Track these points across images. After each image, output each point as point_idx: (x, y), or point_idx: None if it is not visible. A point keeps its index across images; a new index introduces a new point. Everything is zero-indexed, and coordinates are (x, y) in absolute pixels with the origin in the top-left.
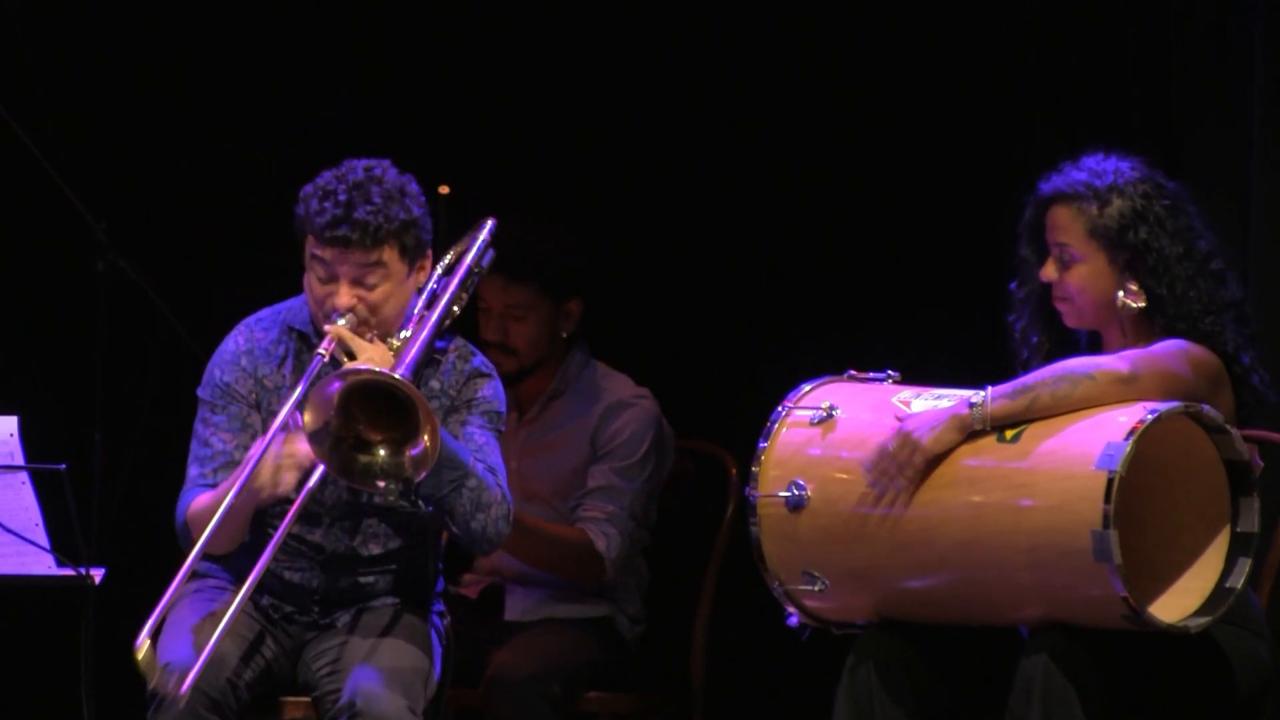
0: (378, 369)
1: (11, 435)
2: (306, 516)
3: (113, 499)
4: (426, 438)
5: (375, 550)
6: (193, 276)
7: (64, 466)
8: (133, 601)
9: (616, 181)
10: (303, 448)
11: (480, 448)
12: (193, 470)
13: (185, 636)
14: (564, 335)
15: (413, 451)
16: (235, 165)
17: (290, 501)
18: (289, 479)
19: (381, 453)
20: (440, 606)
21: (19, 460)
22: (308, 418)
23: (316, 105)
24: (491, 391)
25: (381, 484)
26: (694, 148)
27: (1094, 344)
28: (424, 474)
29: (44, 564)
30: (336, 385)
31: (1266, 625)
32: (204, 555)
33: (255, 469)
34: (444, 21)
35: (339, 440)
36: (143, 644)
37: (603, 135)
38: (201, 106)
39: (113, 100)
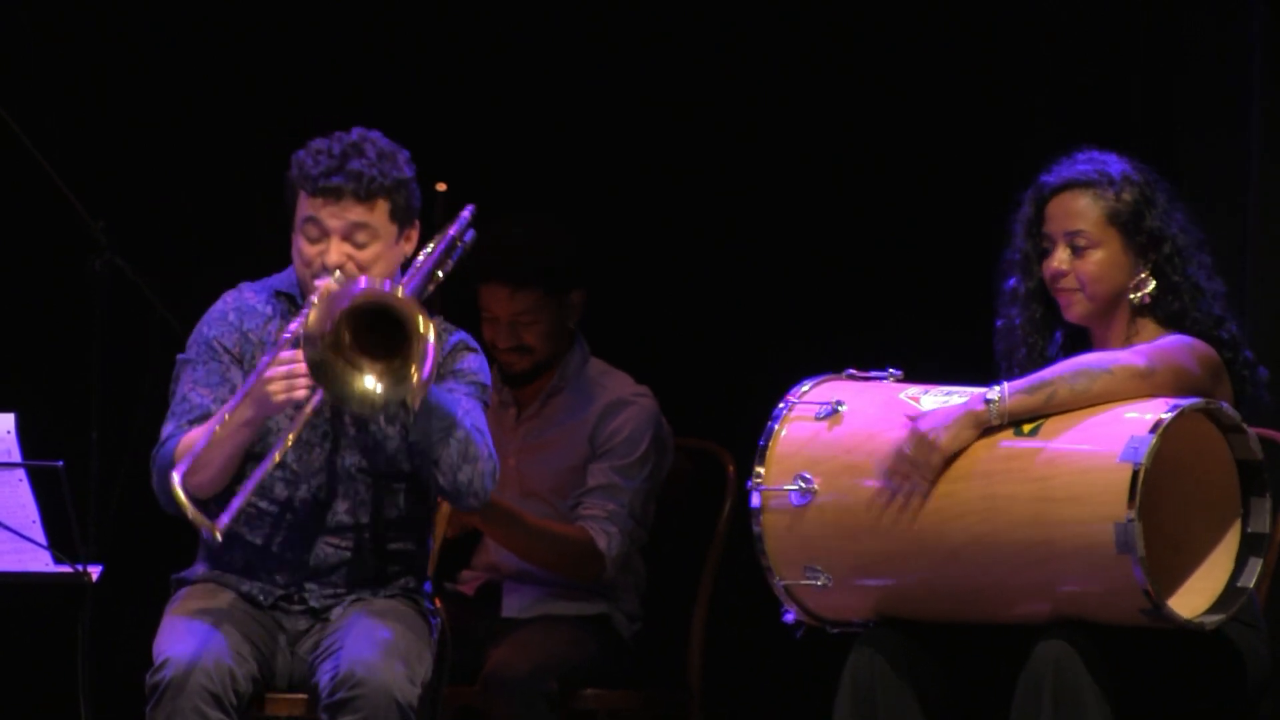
0: (382, 289)
1: (9, 432)
2: (290, 481)
3: (109, 496)
4: (423, 356)
5: (363, 519)
6: (190, 274)
7: (61, 464)
8: (129, 599)
9: (615, 180)
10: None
11: (468, 411)
12: (168, 426)
13: (184, 634)
14: (571, 326)
15: (409, 374)
16: (233, 164)
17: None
18: (299, 388)
19: (377, 373)
20: (432, 605)
21: (16, 457)
22: (311, 321)
23: (313, 103)
24: (477, 364)
25: (376, 394)
26: (692, 145)
27: (1076, 345)
28: (417, 400)
29: (41, 561)
30: (343, 303)
31: (1264, 622)
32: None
33: (264, 378)
34: (437, 20)
35: (334, 354)
36: (177, 486)
37: (601, 133)
38: (199, 105)
39: (111, 98)
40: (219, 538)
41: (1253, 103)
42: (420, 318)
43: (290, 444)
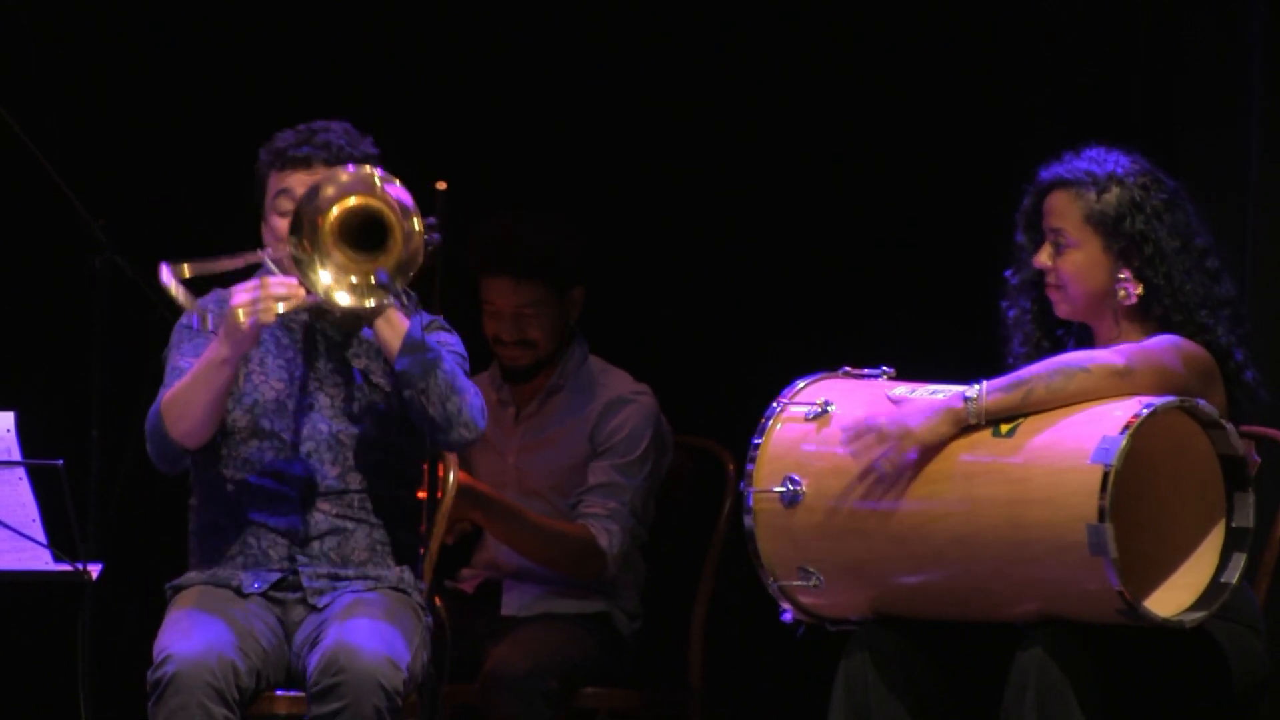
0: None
1: (8, 430)
2: (279, 448)
3: (109, 495)
4: (403, 240)
5: (353, 485)
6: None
7: (61, 462)
8: (129, 597)
9: (614, 179)
10: (278, 286)
11: (452, 364)
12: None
13: (186, 630)
14: (570, 323)
15: (389, 260)
16: (232, 163)
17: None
18: (269, 308)
19: (355, 265)
20: (429, 604)
21: (16, 456)
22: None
23: (313, 103)
24: (454, 340)
25: (355, 285)
26: (692, 145)
27: (1082, 338)
28: (399, 286)
29: (41, 559)
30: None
31: (1263, 622)
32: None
33: (231, 306)
34: (437, 19)
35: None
36: (170, 280)
37: (601, 132)
38: (200, 105)
39: (111, 98)
40: (209, 326)
41: (1253, 103)
42: (408, 216)
43: (281, 311)
